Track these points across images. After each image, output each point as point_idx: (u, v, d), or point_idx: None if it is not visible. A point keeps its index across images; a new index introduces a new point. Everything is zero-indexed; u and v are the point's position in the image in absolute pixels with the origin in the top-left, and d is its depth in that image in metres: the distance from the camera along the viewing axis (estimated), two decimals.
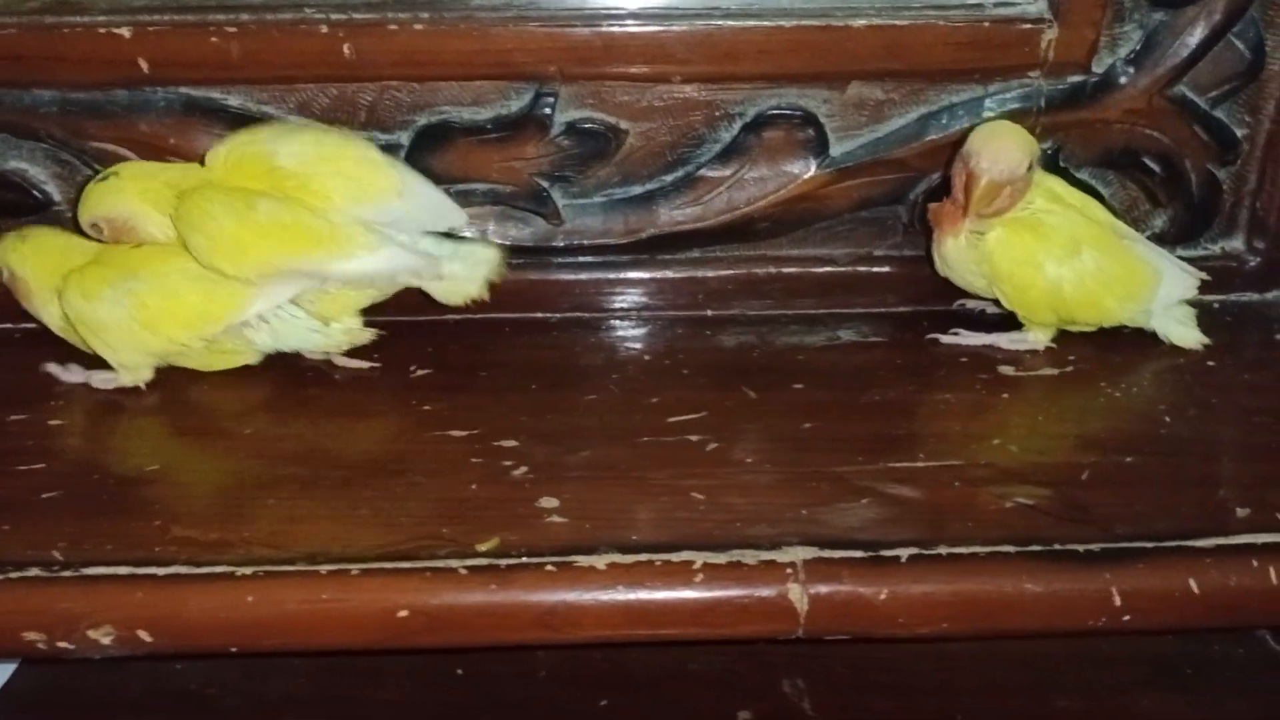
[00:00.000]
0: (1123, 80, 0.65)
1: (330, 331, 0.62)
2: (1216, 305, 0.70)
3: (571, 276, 0.69)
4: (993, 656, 0.70)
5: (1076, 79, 0.65)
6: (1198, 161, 0.68)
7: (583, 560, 0.48)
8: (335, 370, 0.64)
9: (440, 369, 0.64)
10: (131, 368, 0.61)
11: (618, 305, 0.70)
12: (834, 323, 0.69)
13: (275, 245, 0.59)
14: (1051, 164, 0.67)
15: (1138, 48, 0.65)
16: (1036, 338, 0.65)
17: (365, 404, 0.61)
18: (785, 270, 0.70)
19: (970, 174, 0.60)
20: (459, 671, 0.71)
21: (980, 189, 0.60)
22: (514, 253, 0.68)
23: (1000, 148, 0.60)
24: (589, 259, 0.69)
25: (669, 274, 0.70)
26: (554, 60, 0.64)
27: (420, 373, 0.64)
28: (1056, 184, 0.64)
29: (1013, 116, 0.66)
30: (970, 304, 0.69)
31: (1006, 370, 0.63)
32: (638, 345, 0.66)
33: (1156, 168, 0.68)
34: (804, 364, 0.65)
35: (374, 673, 0.70)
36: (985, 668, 0.70)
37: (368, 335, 0.63)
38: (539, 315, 0.69)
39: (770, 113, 0.66)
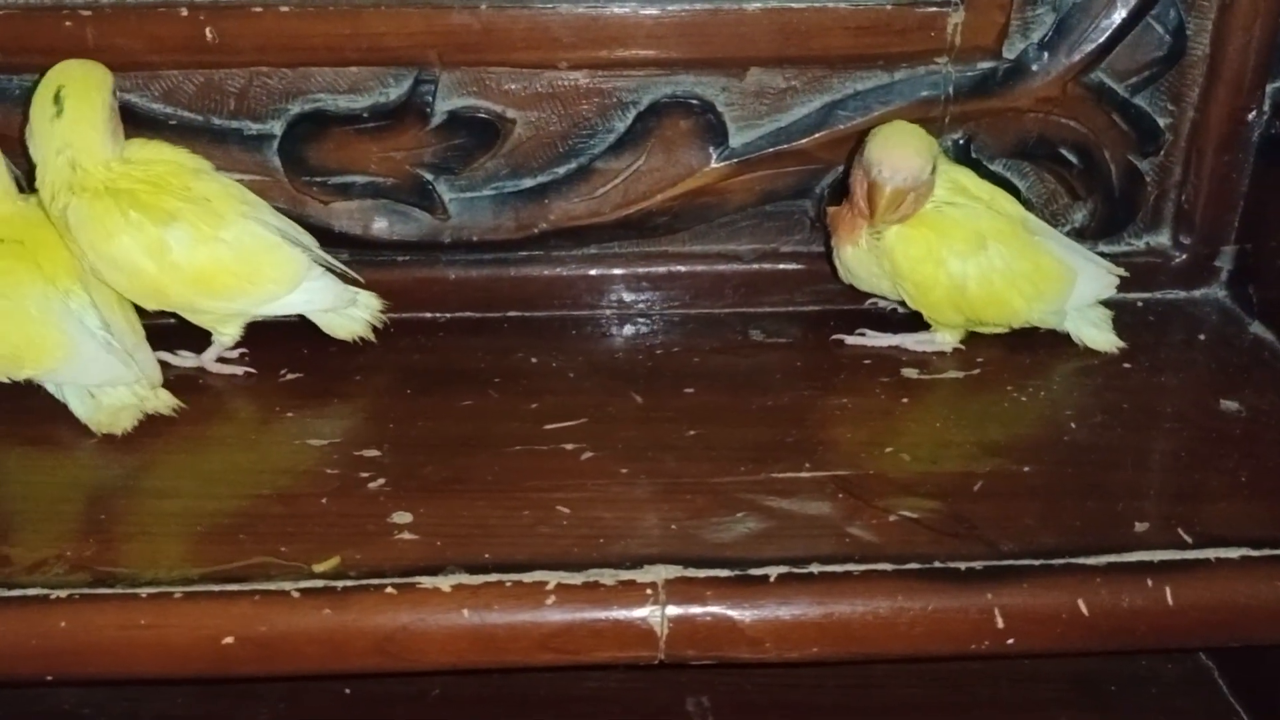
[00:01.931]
0: (1035, 67, 0.62)
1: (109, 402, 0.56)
2: (1140, 303, 0.67)
3: (460, 274, 0.66)
4: (908, 673, 0.67)
5: (986, 65, 0.62)
6: (1117, 152, 0.64)
7: (426, 581, 0.45)
8: (202, 376, 0.60)
9: (312, 373, 0.60)
10: None
11: (509, 304, 0.66)
12: (737, 323, 0.66)
13: (197, 288, 0.56)
14: (963, 155, 0.64)
15: (1050, 32, 0.61)
16: (944, 339, 0.62)
17: (225, 411, 0.57)
18: (686, 268, 0.67)
19: (873, 184, 0.56)
20: (346, 691, 0.67)
21: (885, 199, 0.56)
22: (399, 249, 0.65)
23: (900, 155, 0.56)
24: (478, 256, 0.66)
25: (563, 271, 0.66)
26: (432, 45, 0.60)
27: (290, 377, 0.60)
28: (964, 176, 0.61)
29: (921, 105, 0.62)
30: (883, 303, 0.66)
31: (910, 373, 0.60)
32: (526, 347, 0.63)
33: (1074, 159, 0.64)
34: (699, 367, 0.61)
35: (255, 692, 0.66)
36: (900, 685, 0.67)
37: (164, 403, 0.56)
38: (426, 315, 0.66)
39: (665, 101, 0.63)
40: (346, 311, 0.60)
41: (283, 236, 0.58)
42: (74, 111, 0.55)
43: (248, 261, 0.57)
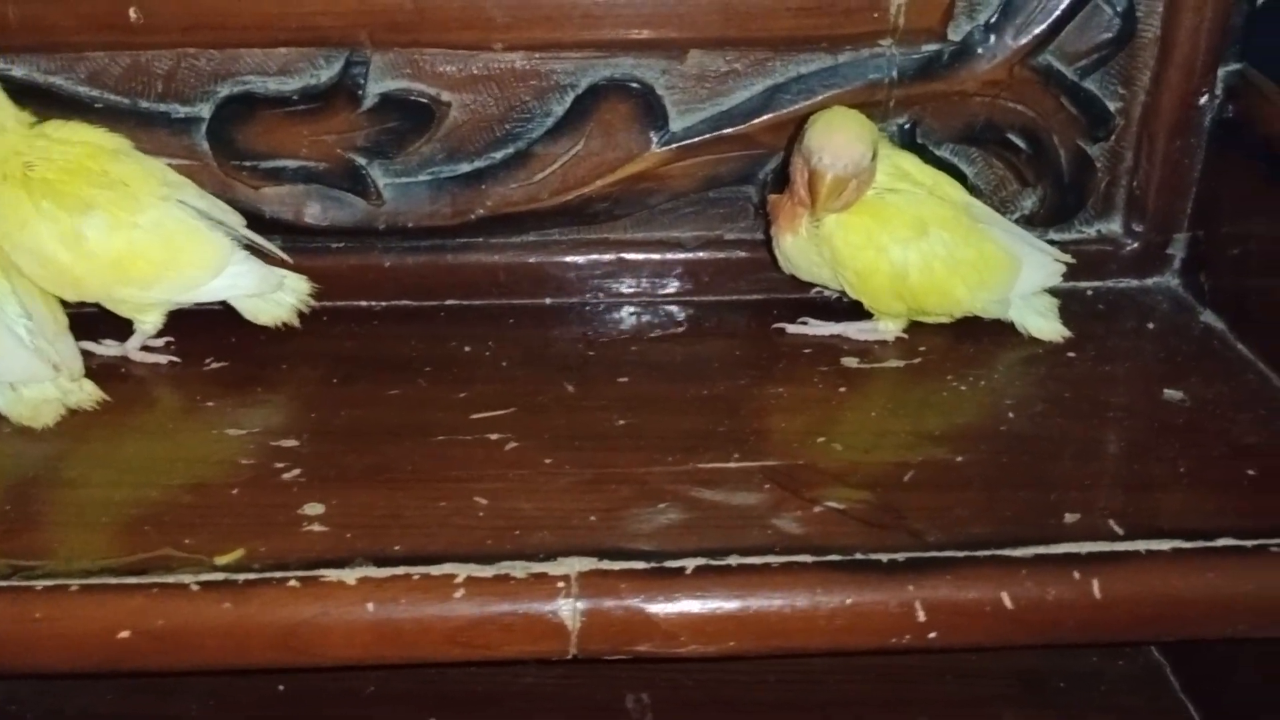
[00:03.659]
0: (981, 49, 0.61)
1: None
2: (1090, 292, 0.66)
3: (395, 261, 0.64)
4: (849, 669, 0.65)
5: (931, 48, 0.61)
6: (1067, 137, 0.63)
7: (331, 574, 0.43)
8: (125, 365, 0.58)
9: (238, 361, 0.59)
10: None
11: (445, 293, 0.65)
12: (679, 311, 0.64)
13: (114, 276, 0.55)
14: (909, 140, 0.63)
15: (997, 13, 0.60)
16: (886, 327, 0.60)
17: (146, 400, 0.56)
18: (628, 255, 0.65)
19: (813, 172, 0.55)
20: (280, 688, 0.66)
21: (826, 188, 0.55)
22: (332, 235, 0.64)
23: (841, 142, 0.55)
24: (414, 242, 0.64)
25: (502, 258, 0.65)
26: (363, 25, 0.59)
27: (215, 365, 0.59)
28: (906, 161, 0.59)
29: (865, 89, 0.61)
30: (827, 292, 0.64)
31: (850, 362, 0.59)
32: (460, 336, 0.61)
33: (1022, 144, 0.63)
34: (636, 355, 0.60)
35: (184, 687, 0.65)
36: (842, 680, 0.65)
37: (89, 396, 0.55)
38: (361, 303, 0.64)
39: (604, 84, 0.61)
40: (272, 296, 0.58)
41: (206, 218, 0.56)
42: None
43: (167, 247, 0.55)
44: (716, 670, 0.65)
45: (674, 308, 0.65)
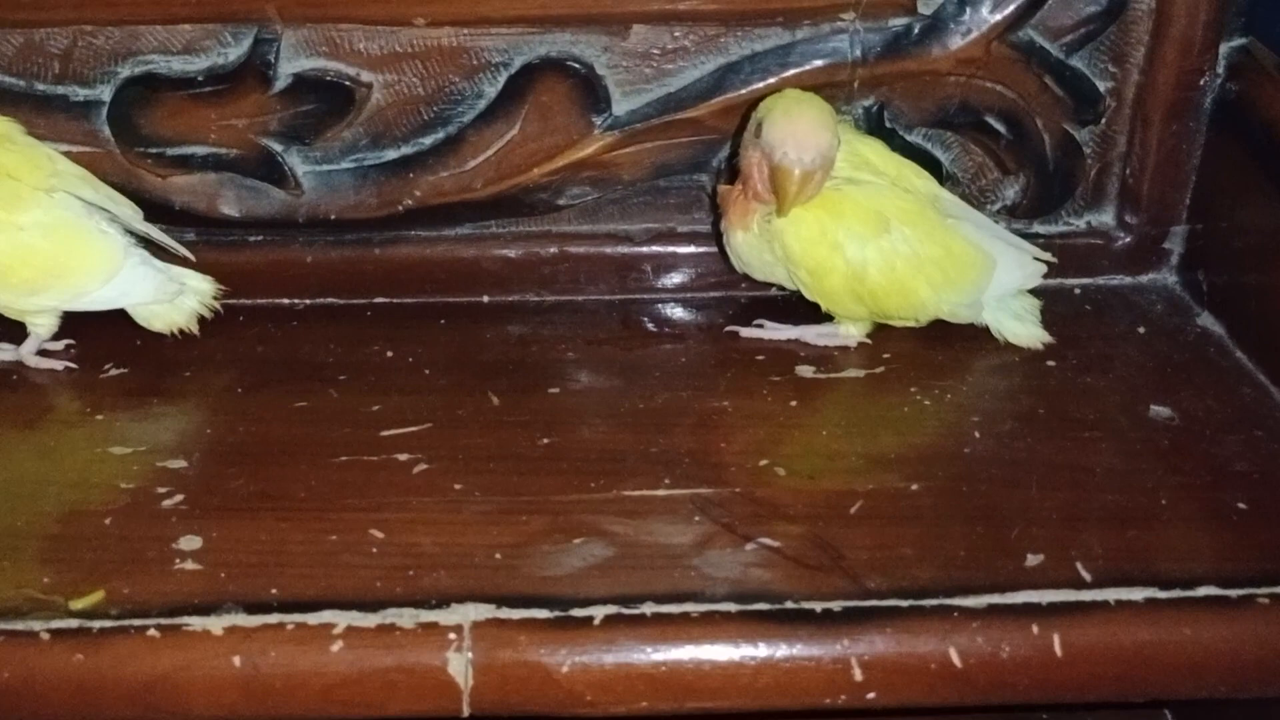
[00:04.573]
0: (955, 23, 0.55)
1: None
2: (1078, 290, 0.60)
3: (318, 256, 0.59)
4: None
5: (899, 22, 0.55)
6: (1051, 120, 0.57)
7: (196, 623, 0.39)
8: (19, 371, 0.54)
9: (139, 367, 0.54)
10: None
11: (372, 290, 0.60)
12: (626, 310, 0.59)
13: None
14: (876, 125, 0.57)
15: None
16: (848, 332, 0.55)
17: (28, 413, 0.51)
18: (572, 249, 0.60)
19: (778, 168, 0.49)
20: None
21: (796, 185, 0.49)
22: (249, 228, 0.59)
23: (806, 131, 0.49)
24: (338, 235, 0.59)
25: (432, 252, 0.60)
26: None
27: (114, 372, 0.54)
28: (868, 148, 0.54)
29: (826, 70, 0.56)
30: (788, 290, 0.59)
31: (805, 371, 0.53)
32: (384, 338, 0.57)
33: (1001, 128, 0.57)
34: (570, 362, 0.55)
35: None
36: None
37: None
38: (282, 301, 0.60)
39: (539, 62, 0.56)
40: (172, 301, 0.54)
41: (99, 215, 0.52)
42: None
43: (52, 251, 0.50)
44: None
45: (621, 307, 0.60)
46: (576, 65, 0.56)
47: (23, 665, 0.38)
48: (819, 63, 0.56)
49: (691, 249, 0.60)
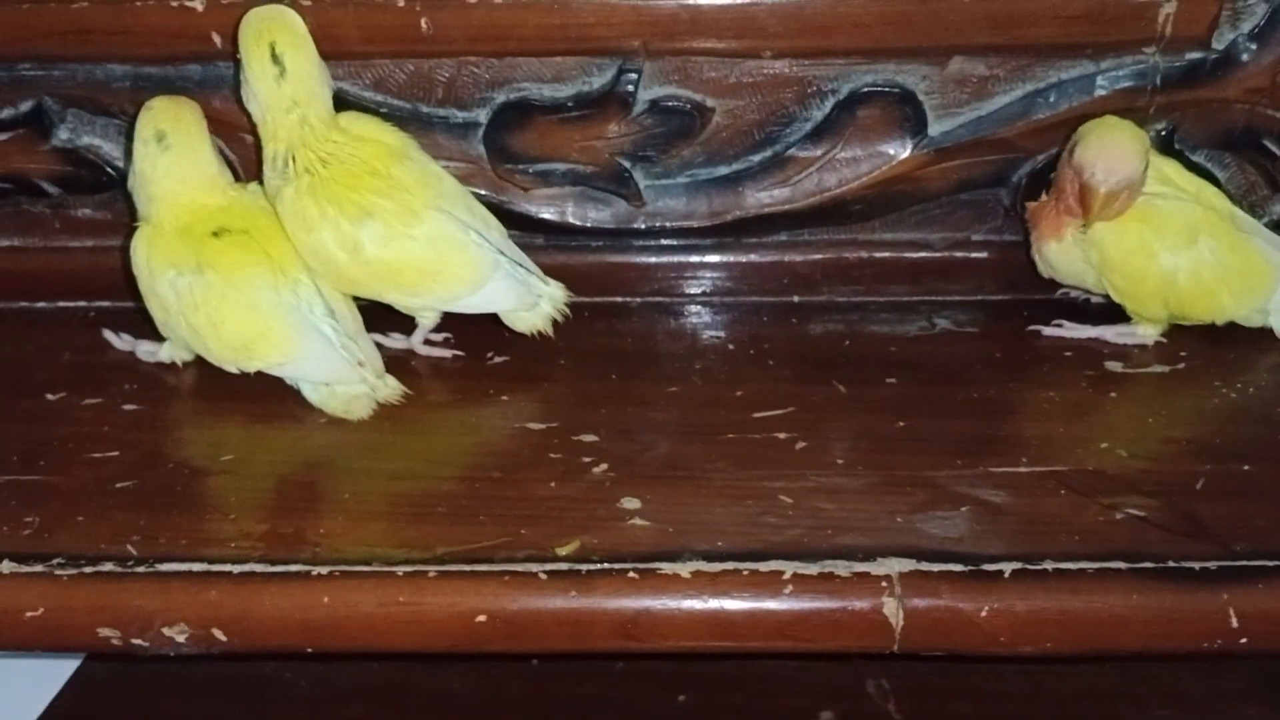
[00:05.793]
0: (1244, 57, 0.61)
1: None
2: None
3: (653, 260, 0.67)
4: (1087, 660, 0.67)
5: (1195, 56, 0.61)
6: None
7: (667, 567, 0.46)
8: (414, 358, 0.62)
9: (517, 356, 0.62)
10: (176, 344, 0.60)
11: (700, 290, 0.67)
12: (928, 311, 0.66)
13: (385, 282, 0.58)
14: (1166, 146, 0.63)
15: (1262, 22, 0.61)
16: (1145, 332, 0.61)
17: (442, 394, 0.59)
18: (877, 255, 0.67)
19: (1086, 186, 0.56)
20: (534, 662, 0.69)
21: (1099, 203, 0.56)
22: (594, 235, 0.67)
23: (1116, 157, 0.56)
24: (671, 242, 0.67)
25: (754, 258, 0.67)
26: (638, 34, 0.61)
27: (496, 360, 0.62)
28: (1169, 167, 0.60)
29: (1126, 95, 0.62)
30: (1075, 292, 0.65)
31: (1113, 366, 0.60)
32: (720, 333, 0.64)
33: (1278, 150, 0.63)
34: (896, 356, 0.62)
35: (447, 662, 0.69)
36: (1079, 672, 0.67)
37: (394, 390, 0.58)
38: (619, 299, 0.67)
39: (865, 90, 0.63)
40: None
41: (474, 234, 0.58)
42: (296, 68, 0.56)
43: (435, 261, 0.58)
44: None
45: (922, 307, 0.66)
46: (898, 91, 0.63)
47: (529, 600, 0.46)
48: (1119, 89, 0.62)
49: (984, 255, 0.67)
